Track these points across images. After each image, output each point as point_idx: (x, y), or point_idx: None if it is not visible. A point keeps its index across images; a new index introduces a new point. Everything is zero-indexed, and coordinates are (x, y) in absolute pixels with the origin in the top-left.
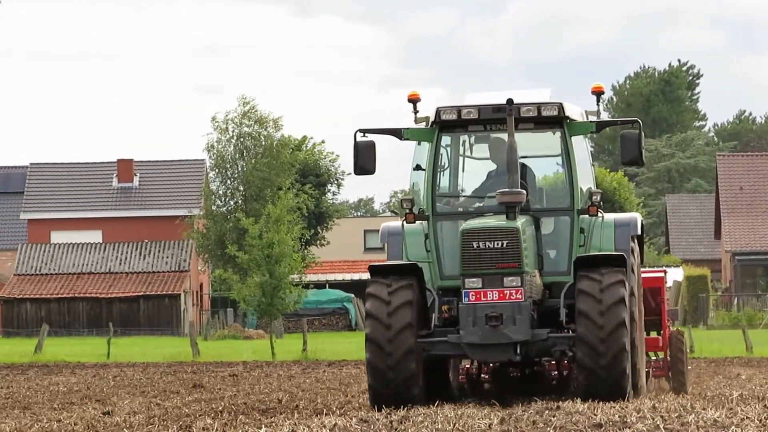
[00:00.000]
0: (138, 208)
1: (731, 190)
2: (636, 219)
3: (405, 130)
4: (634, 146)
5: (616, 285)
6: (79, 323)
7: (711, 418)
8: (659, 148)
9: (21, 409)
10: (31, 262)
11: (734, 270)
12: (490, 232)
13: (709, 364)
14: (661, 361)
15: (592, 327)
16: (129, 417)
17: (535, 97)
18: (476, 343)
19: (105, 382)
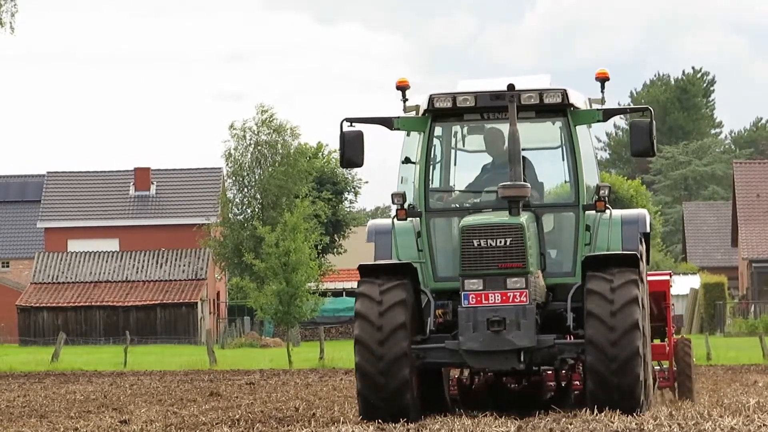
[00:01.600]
0: (155, 216)
1: (748, 198)
2: (644, 215)
3: (396, 120)
4: (644, 136)
5: (628, 284)
6: (95, 332)
7: (728, 425)
8: (675, 155)
9: (38, 417)
10: (48, 270)
11: (751, 277)
12: (492, 229)
13: (726, 371)
14: (665, 371)
15: (603, 329)
16: (146, 426)
17: (535, 84)
18: (476, 350)
19: (122, 391)
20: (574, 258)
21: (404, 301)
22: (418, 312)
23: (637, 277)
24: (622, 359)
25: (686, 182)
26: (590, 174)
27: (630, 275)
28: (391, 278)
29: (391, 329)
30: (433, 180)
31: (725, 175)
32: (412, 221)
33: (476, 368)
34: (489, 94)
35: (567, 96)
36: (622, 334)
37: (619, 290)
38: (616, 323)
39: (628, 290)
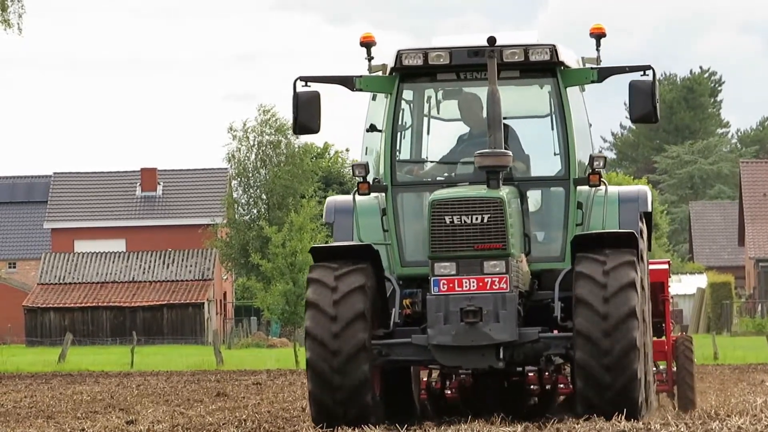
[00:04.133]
0: (161, 217)
1: (755, 197)
2: (645, 192)
3: (358, 79)
4: (646, 98)
5: (624, 266)
6: (102, 332)
7: (735, 424)
8: (681, 154)
9: (45, 418)
10: (55, 271)
11: (758, 276)
12: (467, 204)
13: (733, 370)
14: (664, 373)
15: (595, 318)
16: (152, 426)
17: (520, 39)
18: (448, 345)
19: (128, 391)
20: (564, 240)
21: (363, 287)
22: (382, 302)
23: (635, 258)
24: (616, 353)
25: (692, 181)
26: (583, 144)
27: (626, 256)
28: (349, 263)
29: (347, 320)
30: (401, 151)
31: (732, 174)
32: (378, 197)
33: (448, 367)
34: (466, 50)
35: (556, 53)
36: (616, 324)
37: (614, 273)
38: (610, 311)
39: (624, 273)
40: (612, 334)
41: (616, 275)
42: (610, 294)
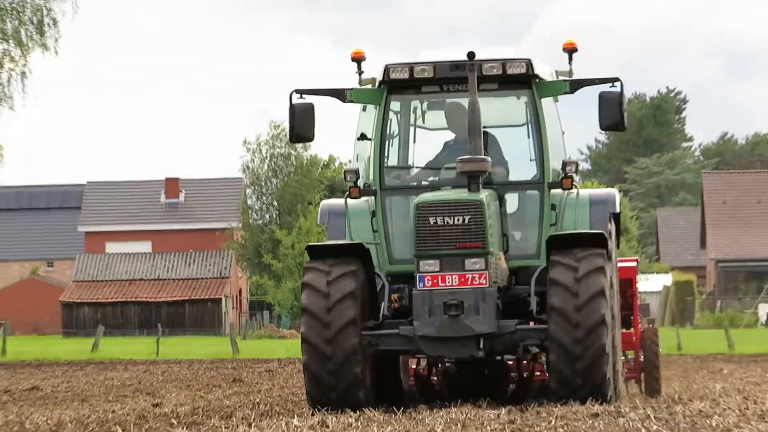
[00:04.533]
0: (183, 221)
1: (715, 204)
2: (614, 195)
3: (349, 91)
4: (614, 108)
5: (595, 274)
6: (131, 325)
7: (696, 408)
8: (650, 166)
9: (80, 401)
10: (88, 270)
11: (718, 276)
12: (449, 206)
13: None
14: (632, 362)
15: (567, 326)
16: (176, 408)
17: (498, 54)
18: (432, 336)
19: (154, 377)
20: (539, 239)
21: (353, 293)
22: (371, 297)
23: (604, 263)
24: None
25: (659, 190)
26: (557, 151)
27: (597, 261)
28: (341, 263)
29: (340, 326)
30: (390, 158)
31: (695, 183)
32: (368, 201)
33: (432, 356)
34: (448, 64)
35: (532, 66)
36: (587, 332)
37: (585, 281)
38: (581, 319)
39: (595, 281)
40: (583, 341)
41: (588, 283)
42: (581, 303)
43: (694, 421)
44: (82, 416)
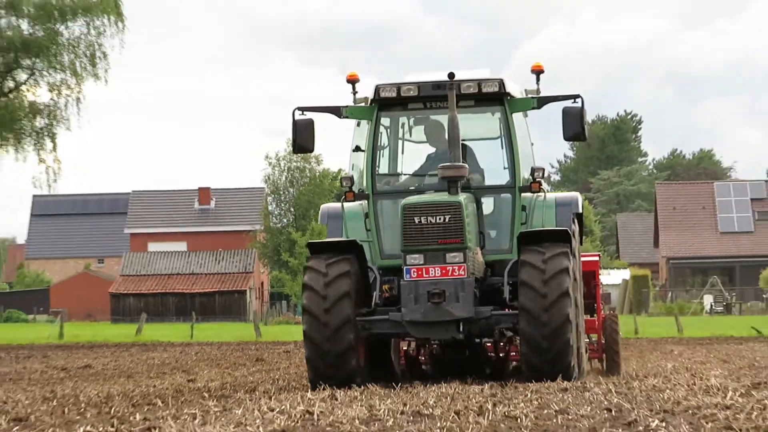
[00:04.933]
0: (214, 224)
1: (666, 210)
2: (577, 198)
3: (344, 108)
4: (576, 121)
5: (559, 256)
6: (169, 312)
7: (651, 384)
8: (611, 177)
9: (125, 377)
10: (133, 266)
11: (669, 271)
12: (431, 207)
13: (649, 342)
14: (595, 344)
15: (535, 296)
16: (207, 383)
17: (475, 75)
18: (418, 321)
19: (189, 357)
20: (511, 236)
21: (348, 273)
22: (365, 286)
23: (568, 250)
24: (553, 325)
25: (618, 198)
26: (526, 159)
27: (561, 248)
28: (337, 263)
29: (336, 298)
30: (381, 166)
31: (648, 192)
32: (362, 204)
33: (418, 338)
34: (431, 84)
35: (504, 85)
36: (553, 301)
37: (551, 261)
38: (548, 291)
39: (559, 261)
40: (549, 309)
41: (553, 262)
42: (548, 277)
43: (649, 395)
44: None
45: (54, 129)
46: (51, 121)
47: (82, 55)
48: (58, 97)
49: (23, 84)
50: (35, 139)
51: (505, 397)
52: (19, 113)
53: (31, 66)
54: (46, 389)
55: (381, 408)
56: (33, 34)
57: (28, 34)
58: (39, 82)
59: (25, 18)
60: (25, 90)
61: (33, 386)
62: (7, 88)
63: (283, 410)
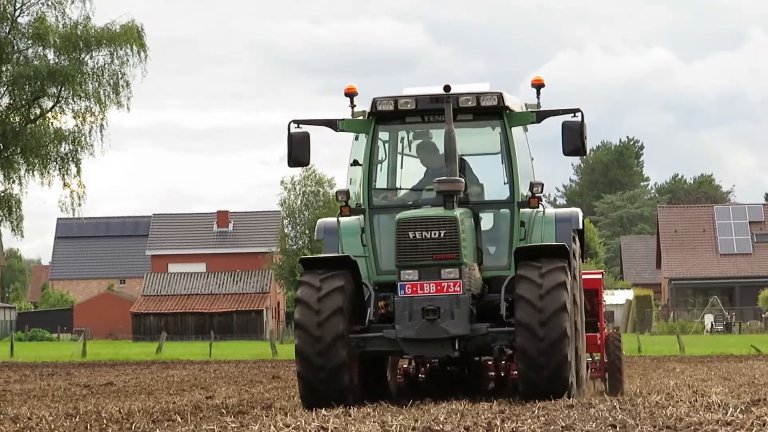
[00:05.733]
0: (232, 246)
1: (668, 233)
2: (577, 214)
3: (340, 121)
4: (575, 136)
5: (556, 271)
6: (189, 331)
7: (654, 400)
8: (614, 201)
9: (146, 394)
10: (154, 286)
11: (671, 291)
12: (427, 222)
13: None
14: (597, 363)
15: (532, 311)
16: (225, 400)
17: (473, 89)
18: (412, 338)
19: (208, 375)
20: (510, 252)
21: (342, 288)
22: (359, 302)
23: (566, 265)
24: (550, 339)
25: (622, 221)
26: (526, 174)
27: (558, 263)
28: (330, 278)
29: (329, 313)
30: (379, 181)
31: (651, 215)
32: (359, 219)
33: (413, 356)
34: (429, 97)
35: (503, 99)
36: (550, 316)
37: (548, 275)
38: (545, 305)
39: (556, 275)
40: (546, 324)
41: (550, 277)
42: (544, 292)
43: (652, 411)
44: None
45: (78, 155)
46: (75, 147)
47: (105, 83)
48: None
49: (49, 111)
50: (60, 164)
51: (513, 414)
52: (44, 139)
53: (57, 94)
54: (69, 406)
55: (393, 424)
56: (59, 63)
57: (54, 63)
58: (64, 109)
59: (51, 48)
60: (50, 117)
61: (56, 403)
62: (34, 115)
63: (298, 426)
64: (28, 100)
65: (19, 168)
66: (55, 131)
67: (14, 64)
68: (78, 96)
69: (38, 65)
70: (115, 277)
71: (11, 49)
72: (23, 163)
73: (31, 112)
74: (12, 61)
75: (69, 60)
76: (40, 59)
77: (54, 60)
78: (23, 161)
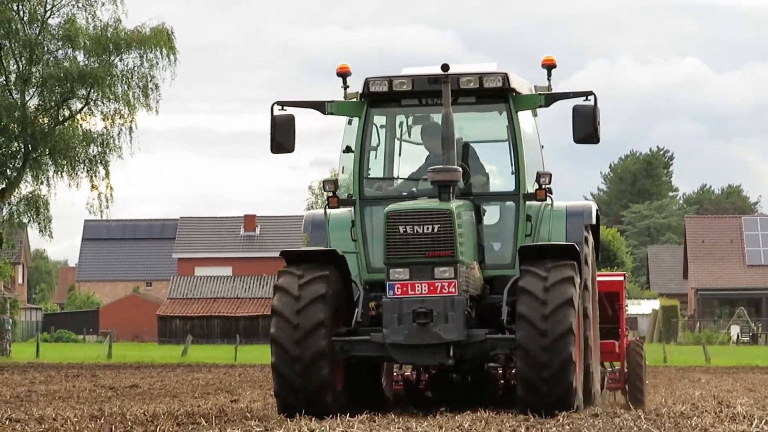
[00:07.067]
0: (259, 250)
1: (695, 243)
2: (590, 207)
3: (329, 104)
4: (587, 121)
5: (564, 283)
6: (214, 334)
7: (679, 410)
8: (642, 211)
9: (171, 397)
10: (180, 289)
11: (697, 301)
12: (418, 215)
13: (677, 371)
14: (617, 373)
15: (535, 333)
16: (250, 404)
17: (477, 69)
18: (402, 344)
19: (233, 378)
20: (514, 249)
21: (324, 296)
22: (346, 303)
23: (574, 273)
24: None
25: (650, 231)
26: (534, 163)
27: (567, 271)
28: (314, 268)
29: (308, 328)
30: (374, 170)
31: (678, 225)
32: (350, 211)
33: (402, 363)
34: (426, 78)
35: (508, 80)
36: (554, 340)
37: (554, 289)
38: (548, 328)
39: (564, 289)
40: (550, 349)
41: (556, 292)
42: (549, 311)
43: (677, 422)
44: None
45: (107, 157)
46: (104, 149)
47: (135, 86)
48: (112, 126)
49: (78, 113)
50: (88, 166)
51: (538, 422)
52: (73, 141)
53: (86, 96)
54: (94, 407)
55: (417, 430)
56: (88, 65)
57: (83, 65)
58: (93, 111)
59: (81, 50)
60: (79, 119)
61: (82, 404)
62: (63, 116)
63: (323, 431)
64: (57, 101)
65: (48, 169)
66: (84, 133)
67: (44, 65)
68: (107, 98)
69: (68, 67)
70: (142, 280)
71: (41, 50)
72: (52, 164)
73: (60, 114)
74: (42, 62)
75: (99, 62)
76: (70, 61)
77: (84, 62)
78: (52, 163)
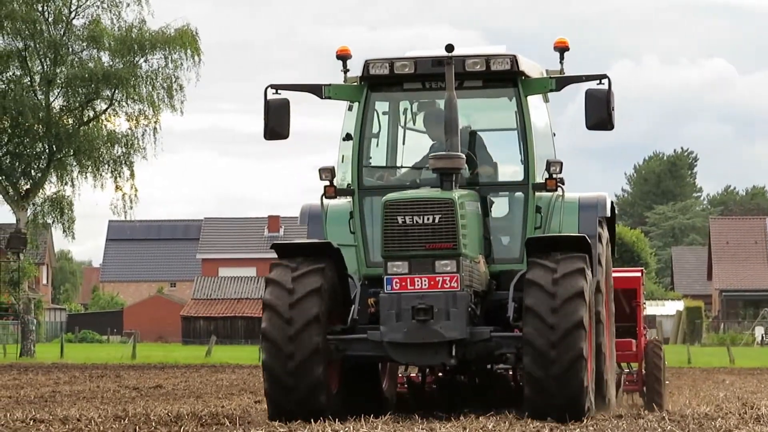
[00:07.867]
0: None
1: (720, 244)
2: (604, 198)
3: (326, 87)
4: (601, 106)
5: (574, 275)
6: (238, 335)
7: (703, 412)
8: (666, 212)
9: (195, 397)
10: (204, 290)
11: (721, 303)
12: (418, 204)
13: (702, 372)
14: (635, 374)
15: (543, 327)
16: None
17: (483, 50)
18: (400, 342)
19: (257, 379)
20: (522, 242)
21: (319, 290)
22: (343, 299)
23: (585, 265)
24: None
25: (674, 232)
26: (545, 151)
27: (577, 263)
28: (309, 262)
29: (302, 324)
30: (376, 158)
31: (703, 227)
32: (349, 202)
33: (401, 362)
34: (430, 60)
35: (517, 63)
36: (563, 335)
37: (563, 282)
38: (557, 322)
39: (574, 281)
40: (559, 345)
41: (566, 284)
42: (558, 304)
43: (701, 423)
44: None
45: (131, 157)
46: (128, 150)
47: (159, 87)
48: (136, 126)
49: (102, 114)
50: (113, 166)
51: (561, 423)
52: (97, 142)
53: (111, 97)
54: (118, 408)
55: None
56: (113, 66)
57: (108, 66)
58: (118, 112)
59: (106, 51)
60: (104, 119)
61: (106, 405)
62: (87, 117)
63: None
64: (81, 102)
65: (72, 170)
66: (109, 134)
67: (69, 66)
68: (131, 99)
69: (92, 68)
70: (166, 280)
71: (66, 51)
72: (76, 165)
73: (84, 115)
74: (66, 63)
75: (123, 63)
76: (95, 62)
77: (108, 63)
78: (76, 163)
